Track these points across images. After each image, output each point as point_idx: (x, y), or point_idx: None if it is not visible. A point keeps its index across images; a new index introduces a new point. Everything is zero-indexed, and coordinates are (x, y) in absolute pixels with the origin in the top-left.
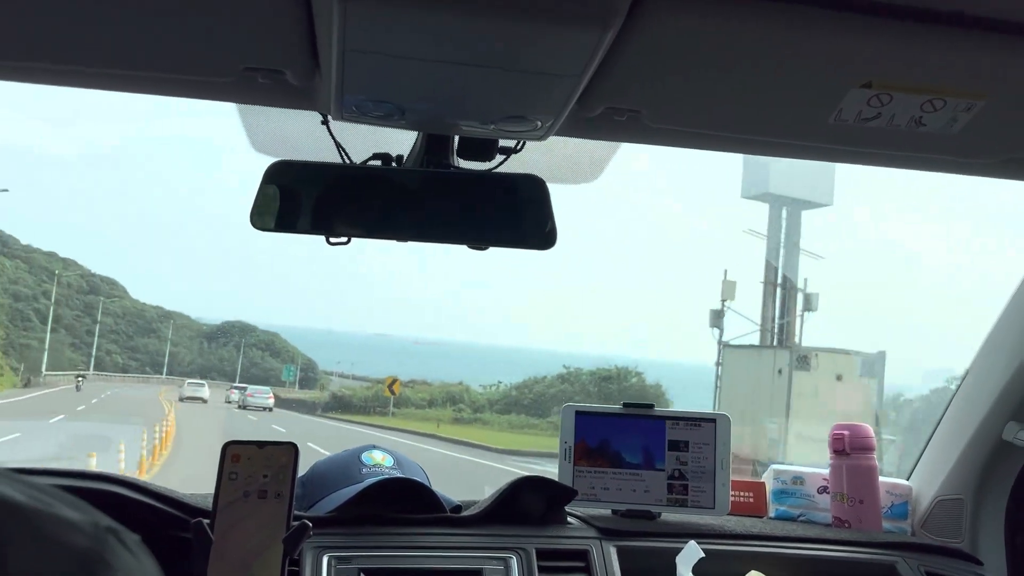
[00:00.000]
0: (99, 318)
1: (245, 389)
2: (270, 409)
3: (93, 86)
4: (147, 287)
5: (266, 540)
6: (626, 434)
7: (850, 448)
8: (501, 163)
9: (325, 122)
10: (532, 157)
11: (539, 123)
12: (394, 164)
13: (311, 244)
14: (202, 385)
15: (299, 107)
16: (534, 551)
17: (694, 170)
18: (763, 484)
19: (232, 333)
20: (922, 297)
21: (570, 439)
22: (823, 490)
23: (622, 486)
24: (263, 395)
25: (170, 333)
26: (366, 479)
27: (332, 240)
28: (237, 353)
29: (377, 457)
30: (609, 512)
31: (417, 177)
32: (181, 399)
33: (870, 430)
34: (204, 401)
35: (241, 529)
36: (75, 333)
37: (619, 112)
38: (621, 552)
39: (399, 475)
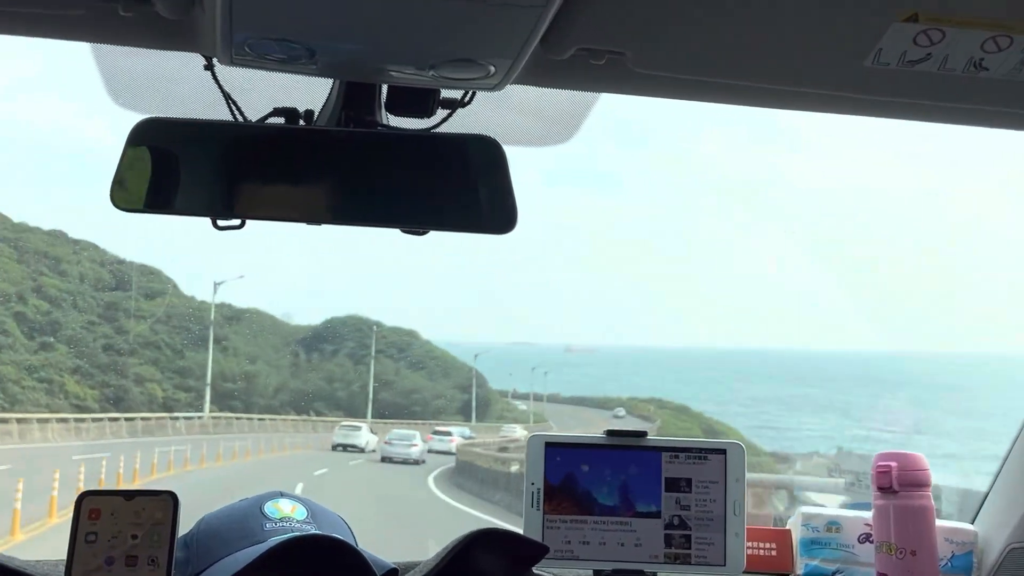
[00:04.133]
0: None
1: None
2: (416, 462)
3: None
4: (202, 280)
5: None
6: (611, 471)
7: (899, 484)
8: (444, 120)
9: (209, 67)
10: (484, 113)
11: (492, 68)
12: (302, 122)
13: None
14: (358, 428)
15: (174, 47)
16: None
17: None
18: (788, 532)
19: (343, 336)
20: None
21: (538, 480)
22: (865, 538)
23: (606, 539)
24: (403, 442)
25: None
26: (270, 537)
27: (221, 223)
28: (355, 368)
29: (285, 508)
30: (590, 573)
31: (332, 139)
32: (334, 448)
33: (924, 460)
34: (361, 450)
35: None
36: (84, 351)
37: (596, 54)
38: None
39: (314, 531)
